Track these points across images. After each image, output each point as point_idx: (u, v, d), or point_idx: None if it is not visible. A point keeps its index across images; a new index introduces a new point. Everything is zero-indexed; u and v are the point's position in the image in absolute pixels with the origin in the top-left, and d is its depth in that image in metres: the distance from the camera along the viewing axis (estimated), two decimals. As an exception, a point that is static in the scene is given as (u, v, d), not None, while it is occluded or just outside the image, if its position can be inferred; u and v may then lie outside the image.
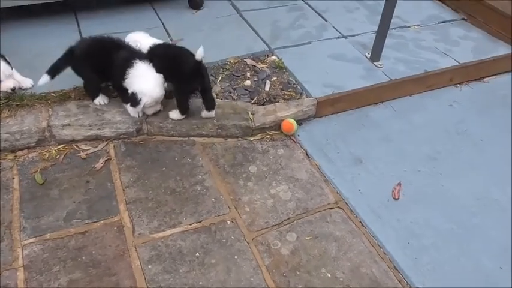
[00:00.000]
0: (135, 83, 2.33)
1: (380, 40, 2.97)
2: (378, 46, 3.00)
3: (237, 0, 3.63)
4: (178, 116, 2.53)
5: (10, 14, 3.04)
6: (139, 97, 2.32)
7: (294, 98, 2.74)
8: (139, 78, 2.33)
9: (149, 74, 2.36)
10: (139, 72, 2.34)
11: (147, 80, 2.34)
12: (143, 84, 2.33)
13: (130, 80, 2.34)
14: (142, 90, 2.32)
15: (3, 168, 2.30)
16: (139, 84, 2.33)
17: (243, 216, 2.19)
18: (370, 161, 2.51)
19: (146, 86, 2.33)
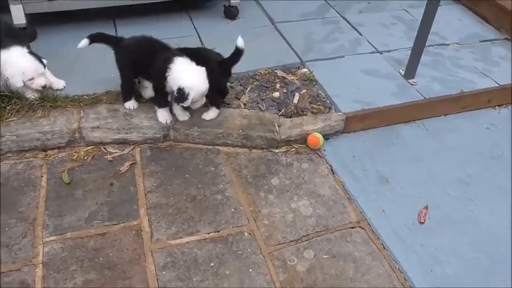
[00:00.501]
0: (179, 79, 2.28)
1: (415, 57, 2.89)
2: (413, 63, 2.92)
3: (272, 11, 3.64)
4: (215, 113, 2.56)
5: (50, 18, 3.16)
6: (186, 92, 2.26)
7: (322, 112, 2.70)
8: (182, 73, 2.29)
9: (192, 67, 2.33)
10: (182, 67, 2.31)
11: (191, 73, 2.31)
12: (189, 79, 2.28)
13: (173, 76, 2.30)
14: (188, 85, 2.26)
15: (34, 166, 2.38)
16: (185, 79, 2.28)
17: (261, 229, 2.16)
18: (397, 181, 2.43)
19: (192, 80, 2.29)
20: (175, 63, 2.31)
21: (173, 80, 2.30)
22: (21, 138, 2.39)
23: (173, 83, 2.30)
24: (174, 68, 2.30)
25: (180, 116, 2.54)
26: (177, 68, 2.31)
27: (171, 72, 2.30)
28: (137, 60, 2.45)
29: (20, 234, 2.04)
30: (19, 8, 2.92)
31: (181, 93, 2.27)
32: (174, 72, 2.30)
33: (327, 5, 3.81)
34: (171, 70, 2.30)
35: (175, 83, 2.29)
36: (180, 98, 2.28)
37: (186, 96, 2.27)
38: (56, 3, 3.01)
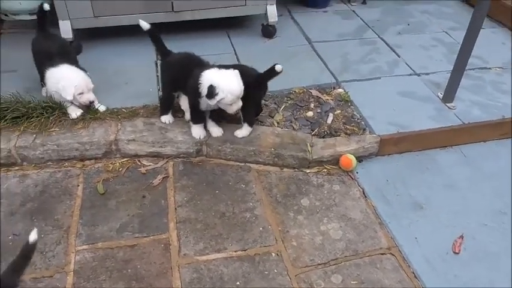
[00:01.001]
0: (211, 80, 2.29)
1: (455, 80, 2.82)
2: (452, 86, 2.85)
3: (310, 31, 3.65)
4: (247, 131, 2.58)
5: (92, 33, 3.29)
6: (216, 90, 2.27)
7: (356, 133, 2.67)
8: (214, 76, 2.31)
9: (223, 71, 2.35)
10: (212, 74, 2.33)
11: (222, 75, 2.33)
12: (220, 78, 2.30)
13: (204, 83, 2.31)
14: (219, 85, 2.27)
15: (71, 175, 2.46)
16: (216, 79, 2.30)
17: (289, 250, 2.14)
18: (431, 207, 2.36)
19: (223, 80, 2.30)
20: (206, 73, 2.34)
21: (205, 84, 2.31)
22: (62, 148, 2.49)
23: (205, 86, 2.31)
24: (204, 77, 2.33)
25: (213, 132, 2.58)
26: (208, 75, 2.33)
27: (203, 81, 2.32)
28: (176, 76, 2.52)
29: (54, 241, 2.11)
30: (67, 24, 3.07)
31: (211, 90, 2.27)
32: (205, 80, 2.32)
33: (365, 25, 3.80)
34: (202, 81, 2.32)
35: (207, 83, 2.30)
36: (209, 94, 2.28)
37: (214, 94, 2.27)
38: (101, 19, 3.14)
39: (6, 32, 3.49)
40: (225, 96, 2.29)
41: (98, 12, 3.10)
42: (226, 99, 2.31)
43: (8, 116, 2.51)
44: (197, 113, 2.50)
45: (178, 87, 2.56)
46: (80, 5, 3.04)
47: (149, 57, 3.23)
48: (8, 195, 2.33)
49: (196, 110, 2.47)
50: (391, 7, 4.15)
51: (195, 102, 2.42)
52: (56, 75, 2.50)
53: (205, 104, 2.40)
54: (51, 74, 2.52)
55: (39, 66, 2.68)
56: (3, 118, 2.51)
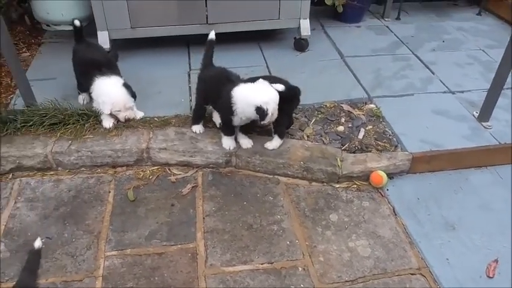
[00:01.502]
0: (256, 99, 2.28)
1: (491, 99, 2.75)
2: (488, 105, 2.78)
3: (342, 45, 3.65)
4: (278, 143, 2.58)
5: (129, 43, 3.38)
6: (265, 107, 2.26)
7: (387, 150, 2.63)
8: (253, 93, 2.31)
9: (253, 85, 2.35)
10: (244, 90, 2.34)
11: (256, 90, 2.32)
12: (262, 95, 2.29)
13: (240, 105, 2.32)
14: (265, 100, 2.27)
15: (103, 182, 2.51)
16: (259, 97, 2.28)
17: (316, 266, 2.11)
18: (464, 229, 2.29)
19: (266, 95, 2.29)
20: (237, 90, 2.35)
21: (244, 106, 2.31)
22: (95, 154, 2.54)
23: (245, 108, 2.31)
24: (236, 94, 2.34)
25: (243, 144, 2.59)
26: (240, 93, 2.34)
27: (235, 99, 2.34)
28: (206, 91, 2.56)
29: (85, 246, 2.15)
30: (105, 34, 3.16)
31: (261, 111, 2.27)
32: (238, 97, 2.33)
33: (399, 41, 3.76)
34: (234, 99, 2.34)
35: (250, 104, 2.29)
36: (262, 115, 2.29)
37: (266, 112, 2.27)
38: (138, 30, 3.22)
39: (47, 41, 3.62)
40: (271, 109, 2.29)
41: (134, 23, 3.19)
42: (271, 110, 2.30)
43: (46, 122, 2.59)
44: (228, 127, 2.52)
45: (208, 101, 2.59)
46: (118, 16, 3.13)
47: (182, 68, 3.29)
48: (43, 199, 2.39)
49: (228, 125, 2.49)
50: (426, 23, 4.10)
51: (227, 119, 2.44)
52: (101, 87, 2.56)
53: (238, 121, 2.42)
54: (99, 83, 2.57)
55: (79, 75, 2.76)
56: (41, 124, 2.59)
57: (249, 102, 2.30)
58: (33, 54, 3.44)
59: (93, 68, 2.61)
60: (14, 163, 2.50)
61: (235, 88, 2.36)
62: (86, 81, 2.63)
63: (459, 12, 4.35)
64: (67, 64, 2.79)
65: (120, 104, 2.57)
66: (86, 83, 2.64)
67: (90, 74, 2.60)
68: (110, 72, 2.62)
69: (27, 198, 2.39)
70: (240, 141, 2.60)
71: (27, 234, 2.20)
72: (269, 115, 2.30)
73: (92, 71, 2.59)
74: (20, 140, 2.56)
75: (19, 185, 2.47)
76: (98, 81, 2.58)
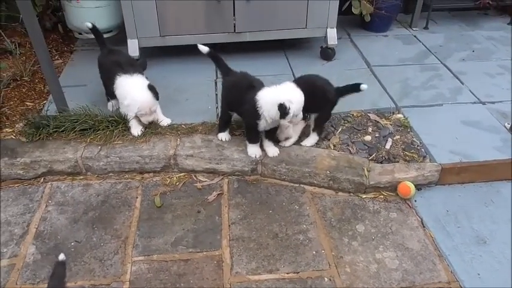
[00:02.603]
0: (279, 96, 2.30)
1: (524, 110, 2.69)
2: (520, 117, 2.72)
3: (369, 55, 3.62)
4: (315, 140, 2.65)
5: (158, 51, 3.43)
6: (287, 105, 2.28)
7: (415, 161, 2.59)
8: (277, 92, 2.33)
9: (278, 87, 2.36)
10: (269, 93, 2.35)
11: (281, 91, 2.33)
12: (286, 94, 2.30)
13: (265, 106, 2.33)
14: (288, 98, 2.28)
15: (131, 187, 2.55)
16: (282, 95, 2.30)
17: (342, 277, 2.09)
18: (495, 243, 2.23)
19: (290, 94, 2.31)
20: (261, 94, 2.36)
21: (269, 106, 2.32)
22: (123, 160, 2.59)
23: (270, 109, 2.32)
24: (261, 98, 2.35)
25: (269, 152, 2.59)
26: (264, 96, 2.35)
27: (260, 103, 2.34)
28: (229, 97, 2.58)
29: (112, 250, 2.18)
30: (135, 42, 3.23)
31: (283, 109, 2.28)
32: (263, 100, 2.34)
33: (427, 51, 3.72)
34: (259, 103, 2.35)
35: (273, 103, 2.30)
36: (283, 113, 2.29)
37: (287, 110, 2.28)
38: (167, 38, 3.28)
39: (79, 49, 3.72)
40: (295, 109, 2.31)
41: (164, 31, 3.24)
42: (294, 109, 2.31)
43: (77, 128, 2.65)
44: (253, 133, 2.53)
45: (232, 107, 2.60)
46: (148, 24, 3.19)
47: (209, 76, 3.33)
48: (73, 203, 2.44)
49: (253, 130, 2.50)
50: (455, 33, 4.05)
51: (253, 123, 2.45)
52: (125, 87, 2.60)
53: (263, 124, 2.42)
54: (122, 81, 2.62)
55: (105, 80, 2.81)
56: (72, 129, 2.65)
57: (273, 101, 2.31)
58: (65, 61, 3.54)
59: (114, 67, 2.65)
60: (46, 167, 2.56)
61: (259, 92, 2.38)
62: (110, 82, 2.67)
63: (489, 22, 4.27)
64: (97, 71, 2.85)
65: (146, 108, 2.61)
66: (110, 84, 2.68)
67: (112, 74, 2.65)
68: (132, 70, 2.66)
69: (57, 202, 2.45)
70: (266, 149, 2.60)
71: (57, 237, 2.24)
72: (291, 114, 2.30)
73: (113, 70, 2.64)
74: (52, 144, 2.63)
75: (50, 189, 2.53)
76: (120, 79, 2.62)
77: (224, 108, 2.66)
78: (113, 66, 2.68)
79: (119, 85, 2.63)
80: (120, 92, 2.62)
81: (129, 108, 2.59)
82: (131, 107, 2.58)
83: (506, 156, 2.59)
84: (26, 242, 2.21)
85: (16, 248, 2.18)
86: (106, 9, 3.43)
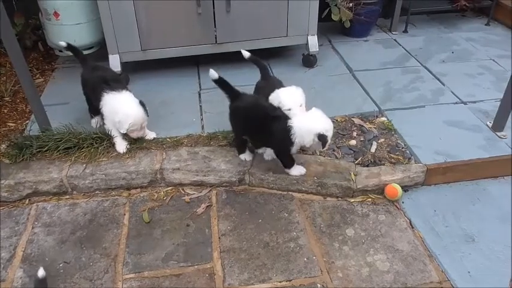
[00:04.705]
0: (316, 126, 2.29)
1: (505, 108, 2.73)
2: (502, 115, 2.76)
3: (351, 60, 3.66)
4: None
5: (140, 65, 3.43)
6: (326, 135, 2.29)
7: (401, 163, 2.61)
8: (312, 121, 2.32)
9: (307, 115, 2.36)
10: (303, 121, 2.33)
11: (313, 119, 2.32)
12: (323, 123, 2.31)
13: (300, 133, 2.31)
14: (325, 127, 2.30)
15: (118, 204, 2.52)
16: (319, 124, 2.30)
17: (335, 282, 2.08)
18: (484, 240, 2.25)
19: (326, 122, 2.32)
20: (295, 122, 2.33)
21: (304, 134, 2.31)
22: (109, 177, 2.56)
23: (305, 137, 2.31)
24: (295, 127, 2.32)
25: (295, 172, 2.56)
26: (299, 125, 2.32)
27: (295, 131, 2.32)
28: (245, 124, 2.50)
29: (102, 269, 2.15)
30: (116, 58, 3.22)
31: (324, 139, 2.29)
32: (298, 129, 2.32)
33: (408, 54, 3.77)
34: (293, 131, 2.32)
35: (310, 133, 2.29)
36: (324, 142, 2.31)
37: (327, 139, 2.30)
38: (148, 52, 3.28)
39: (60, 67, 3.69)
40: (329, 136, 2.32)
41: (145, 46, 3.24)
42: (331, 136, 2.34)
43: (60, 147, 2.62)
44: (289, 157, 2.50)
45: (246, 133, 2.55)
46: (129, 39, 3.19)
47: (193, 88, 3.33)
48: (60, 224, 2.40)
49: (288, 154, 2.48)
50: (434, 35, 4.12)
51: (286, 149, 2.41)
52: (115, 104, 2.58)
53: (295, 149, 2.40)
54: (110, 98, 2.59)
55: (90, 97, 2.79)
56: (56, 149, 2.62)
57: (309, 131, 2.30)
58: (46, 79, 3.51)
59: (101, 84, 2.63)
60: (31, 188, 2.52)
61: (289, 120, 2.35)
62: (96, 98, 2.64)
63: (467, 23, 4.36)
64: (79, 88, 2.83)
65: (138, 124, 2.59)
66: (96, 101, 2.65)
67: (98, 91, 2.62)
68: (120, 87, 2.64)
69: (44, 223, 2.41)
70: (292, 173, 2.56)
71: (45, 259, 2.20)
72: (329, 142, 2.33)
73: (100, 87, 2.61)
74: (35, 165, 2.59)
75: (36, 210, 2.49)
76: (108, 96, 2.59)
77: (238, 133, 2.59)
78: (98, 82, 2.66)
79: (106, 102, 2.60)
80: (109, 108, 2.60)
81: (121, 124, 2.56)
82: (123, 123, 2.55)
83: (490, 154, 2.63)
84: (13, 266, 2.17)
85: (3, 272, 2.14)
86: (86, 25, 3.42)
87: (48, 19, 3.37)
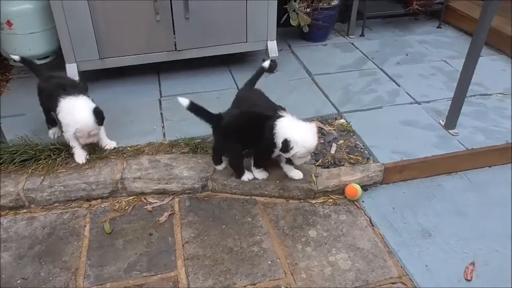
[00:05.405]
0: (287, 133, 2.30)
1: (456, 107, 2.85)
2: (453, 113, 2.88)
3: (310, 64, 3.73)
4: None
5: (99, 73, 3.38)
6: (291, 145, 2.28)
7: (360, 163, 2.68)
8: (289, 128, 2.33)
9: (298, 123, 2.37)
10: (287, 125, 2.34)
11: (298, 128, 2.34)
12: (295, 133, 2.30)
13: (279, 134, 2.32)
14: (294, 138, 2.28)
15: (78, 216, 2.47)
16: (291, 133, 2.30)
17: (299, 283, 2.11)
18: (440, 235, 2.34)
19: (299, 135, 2.30)
20: (280, 124, 2.34)
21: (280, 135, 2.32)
22: (69, 189, 2.51)
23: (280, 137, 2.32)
24: (279, 128, 2.33)
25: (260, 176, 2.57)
26: (282, 127, 2.33)
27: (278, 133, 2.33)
28: (243, 137, 2.44)
29: (62, 284, 2.09)
30: (73, 67, 3.16)
31: (285, 145, 2.28)
32: (280, 131, 2.32)
33: (365, 57, 3.87)
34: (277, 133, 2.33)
35: (282, 137, 2.31)
36: (284, 148, 2.30)
37: (289, 148, 2.29)
38: (107, 60, 3.23)
39: (15, 77, 3.59)
40: (299, 150, 2.30)
41: (103, 54, 3.20)
42: (300, 153, 2.32)
43: (16, 159, 2.55)
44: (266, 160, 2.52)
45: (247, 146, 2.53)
46: (86, 48, 3.14)
47: (153, 96, 3.30)
48: (17, 239, 2.33)
49: (267, 158, 2.48)
50: (389, 38, 4.24)
51: (270, 151, 2.41)
52: (69, 108, 2.51)
53: (276, 154, 2.41)
54: (66, 103, 2.52)
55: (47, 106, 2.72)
56: (12, 162, 2.55)
57: (286, 133, 2.31)
58: (1, 90, 3.40)
59: (57, 90, 2.56)
60: (-15, 204, 2.44)
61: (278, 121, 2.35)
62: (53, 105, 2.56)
63: (420, 26, 4.52)
64: (36, 99, 2.75)
65: (84, 131, 2.53)
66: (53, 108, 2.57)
67: (55, 97, 2.54)
68: (77, 92, 2.58)
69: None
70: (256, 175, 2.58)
71: (1, 276, 2.13)
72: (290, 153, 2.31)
73: (56, 93, 2.55)
74: (-10, 179, 2.51)
75: (-9, 226, 2.41)
76: (64, 101, 2.52)
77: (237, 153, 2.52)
78: (55, 89, 2.59)
79: (62, 108, 2.53)
80: (63, 114, 2.53)
81: (67, 127, 2.50)
82: (69, 127, 2.50)
83: (444, 151, 2.73)
84: (-33, 285, 2.10)
85: (-44, 292, 2.06)
86: (41, 34, 3.34)
87: (1, 28, 3.28)
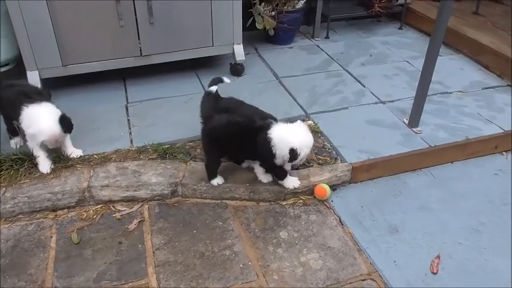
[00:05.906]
0: (288, 141, 2.30)
1: (418, 105, 2.93)
2: (416, 112, 2.96)
3: (277, 67, 3.76)
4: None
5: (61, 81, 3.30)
6: (298, 152, 2.30)
7: (328, 163, 2.72)
8: (285, 136, 2.32)
9: (290, 127, 2.37)
10: (281, 131, 2.34)
11: (294, 132, 2.35)
12: (295, 138, 2.31)
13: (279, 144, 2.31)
14: (297, 144, 2.29)
15: (44, 227, 2.41)
16: (291, 139, 2.30)
17: (271, 285, 2.12)
18: (407, 230, 2.40)
19: (298, 139, 2.31)
20: (274, 132, 2.34)
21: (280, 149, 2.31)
22: (33, 200, 2.44)
23: (283, 147, 2.31)
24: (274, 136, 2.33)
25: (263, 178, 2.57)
26: (277, 134, 2.33)
27: (274, 141, 2.32)
28: (226, 143, 2.44)
29: (28, 296, 2.04)
30: (35, 74, 3.08)
31: (294, 154, 2.29)
32: (276, 139, 2.32)
33: (330, 59, 3.94)
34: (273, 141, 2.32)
35: (286, 146, 2.30)
36: (293, 157, 2.30)
37: (297, 155, 2.30)
38: (70, 67, 3.17)
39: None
40: (304, 153, 2.33)
41: (66, 60, 3.13)
42: (303, 155, 2.34)
43: (-24, 172, 2.47)
44: (280, 168, 2.47)
45: (228, 153, 2.54)
46: (48, 55, 3.06)
47: (119, 102, 3.25)
48: (-22, 253, 2.25)
49: (277, 166, 2.45)
50: (354, 40, 4.33)
51: (272, 161, 2.40)
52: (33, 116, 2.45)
53: (279, 161, 2.39)
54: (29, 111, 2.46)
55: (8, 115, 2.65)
56: (-29, 174, 2.46)
57: (287, 144, 2.30)
58: (-42, 101, 3.27)
59: (20, 98, 2.49)
60: None
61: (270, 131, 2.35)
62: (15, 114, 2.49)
63: (383, 28, 4.63)
64: (-5, 108, 2.68)
65: (52, 140, 2.47)
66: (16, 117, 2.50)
67: (17, 105, 2.47)
68: (40, 99, 2.52)
69: (-40, 254, 2.25)
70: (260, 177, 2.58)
71: (-38, 292, 2.06)
72: (299, 159, 2.34)
73: (19, 101, 2.47)
74: None
75: (-49, 241, 2.32)
76: (28, 109, 2.46)
77: (215, 156, 2.52)
78: (17, 97, 2.51)
79: (26, 116, 2.46)
80: (27, 123, 2.45)
81: (34, 138, 2.44)
82: (36, 138, 2.43)
83: (408, 149, 2.80)
84: None
85: None
86: (-1, 42, 3.25)
87: (-44, 37, 3.16)
